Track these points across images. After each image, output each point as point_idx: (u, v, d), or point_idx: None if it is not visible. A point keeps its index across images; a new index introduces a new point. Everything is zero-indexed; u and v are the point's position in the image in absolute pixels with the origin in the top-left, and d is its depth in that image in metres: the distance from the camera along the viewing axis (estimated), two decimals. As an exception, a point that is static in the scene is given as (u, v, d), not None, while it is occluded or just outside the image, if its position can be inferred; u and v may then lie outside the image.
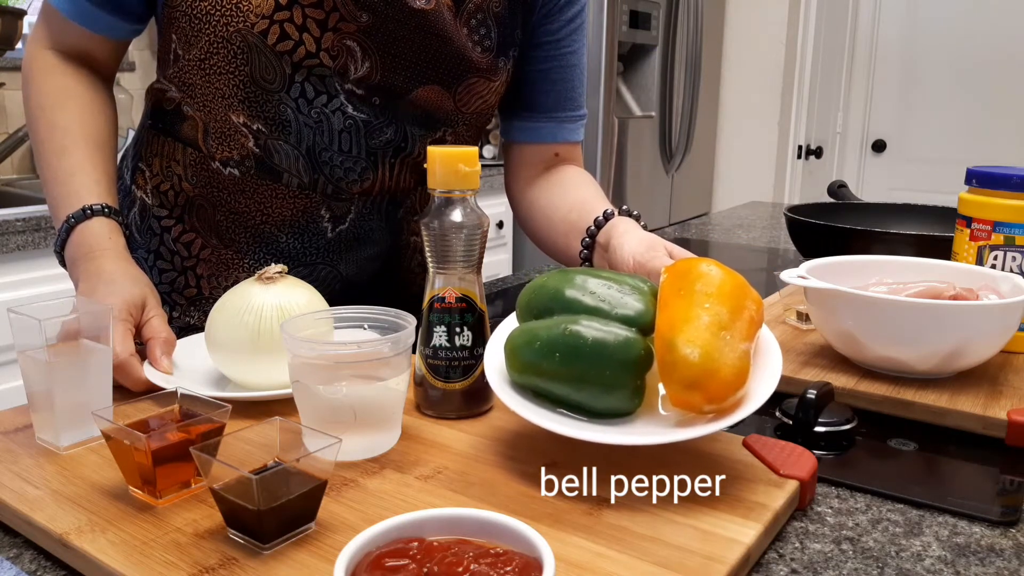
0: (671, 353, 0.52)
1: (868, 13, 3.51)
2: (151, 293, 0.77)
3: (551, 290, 0.61)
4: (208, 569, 0.47)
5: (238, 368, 0.71)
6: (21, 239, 1.70)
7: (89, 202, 0.81)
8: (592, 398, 0.56)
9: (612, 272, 0.63)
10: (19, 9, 2.27)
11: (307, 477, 0.50)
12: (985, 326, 0.72)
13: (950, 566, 0.51)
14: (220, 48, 0.81)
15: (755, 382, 0.56)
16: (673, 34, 2.95)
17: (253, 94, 0.84)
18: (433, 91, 0.89)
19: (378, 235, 0.97)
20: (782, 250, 1.56)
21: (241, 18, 0.79)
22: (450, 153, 0.64)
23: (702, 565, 0.47)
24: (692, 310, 0.54)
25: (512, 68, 0.94)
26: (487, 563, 0.40)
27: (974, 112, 3.33)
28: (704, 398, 0.52)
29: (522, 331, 0.60)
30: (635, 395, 0.56)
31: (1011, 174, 0.83)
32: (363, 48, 0.83)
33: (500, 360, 0.63)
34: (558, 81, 0.99)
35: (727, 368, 0.52)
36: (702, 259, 0.60)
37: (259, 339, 0.69)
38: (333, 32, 0.82)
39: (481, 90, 0.92)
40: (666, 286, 0.57)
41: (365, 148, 0.89)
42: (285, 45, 0.81)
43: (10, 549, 0.53)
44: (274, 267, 0.73)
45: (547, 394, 0.58)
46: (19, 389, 0.64)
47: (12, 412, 0.69)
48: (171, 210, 0.93)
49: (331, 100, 0.85)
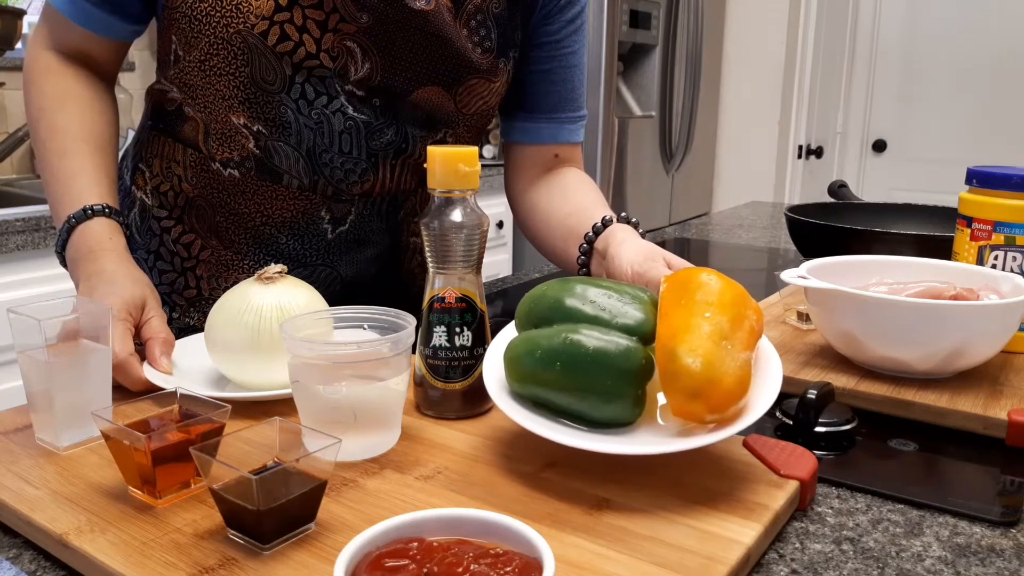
0: (673, 362, 0.52)
1: (868, 13, 3.51)
2: (151, 293, 0.77)
3: (551, 299, 0.61)
4: (208, 569, 0.47)
5: (238, 368, 0.71)
6: (21, 239, 1.70)
7: (90, 202, 0.81)
8: (593, 407, 0.56)
9: (612, 281, 0.63)
10: (19, 9, 2.27)
11: (307, 477, 0.50)
12: (985, 326, 0.72)
13: (950, 566, 0.51)
14: (220, 49, 0.81)
15: (755, 392, 0.56)
16: (673, 34, 2.95)
17: (253, 95, 0.84)
18: (433, 92, 0.89)
19: (378, 236, 0.96)
20: (782, 250, 1.56)
21: (241, 19, 0.79)
22: (450, 153, 0.64)
23: (702, 565, 0.47)
24: (693, 319, 0.54)
25: (512, 69, 0.94)
26: (487, 563, 0.40)
27: (974, 112, 3.33)
28: (706, 407, 0.52)
29: (522, 340, 0.59)
30: (636, 404, 0.56)
31: (1011, 174, 0.83)
32: (363, 49, 0.83)
33: (499, 370, 0.63)
34: (558, 82, 0.99)
35: (729, 377, 0.52)
36: (702, 269, 0.60)
37: (259, 339, 0.68)
38: (333, 33, 0.82)
39: (481, 91, 0.92)
40: (666, 296, 0.57)
41: (366, 149, 0.89)
42: (285, 46, 0.81)
43: (10, 549, 0.53)
44: (274, 267, 0.72)
45: (548, 403, 0.58)
46: (19, 389, 0.64)
47: (12, 412, 0.69)
48: (171, 211, 0.93)
49: (331, 101, 0.85)
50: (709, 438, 0.54)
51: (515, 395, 0.60)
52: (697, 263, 1.45)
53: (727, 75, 3.46)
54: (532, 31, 0.95)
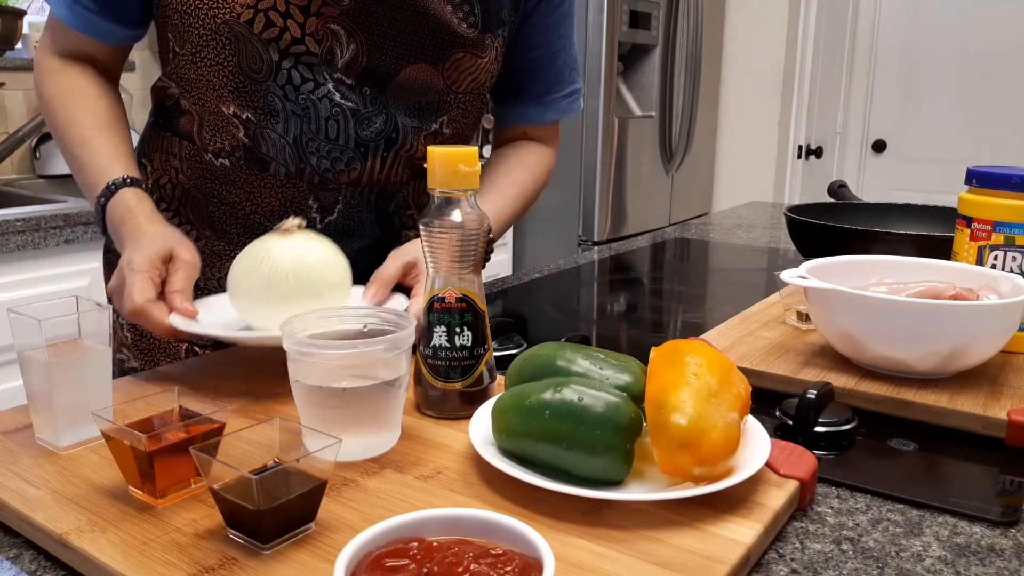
0: (661, 413, 0.53)
1: (868, 13, 3.51)
2: (182, 247, 0.79)
3: (543, 358, 0.63)
4: (208, 569, 0.47)
5: (254, 313, 0.76)
6: (21, 239, 1.70)
7: (112, 179, 0.84)
8: (581, 460, 0.54)
9: (603, 350, 0.63)
10: (19, 9, 2.27)
11: (307, 477, 0.50)
12: (985, 326, 0.72)
13: (950, 566, 0.51)
14: (210, 40, 0.84)
15: (744, 456, 0.56)
16: (673, 34, 2.95)
17: (242, 84, 0.86)
18: (421, 69, 0.90)
19: (368, 228, 0.97)
20: (782, 250, 1.56)
21: (227, 9, 0.82)
22: (450, 153, 0.64)
23: (702, 565, 0.47)
24: (682, 377, 0.54)
25: (502, 47, 0.95)
26: (487, 563, 0.40)
27: (974, 112, 3.33)
28: (694, 459, 0.52)
29: (512, 392, 0.59)
30: (625, 461, 0.54)
31: (1011, 174, 0.83)
32: (347, 31, 0.85)
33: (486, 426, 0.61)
34: (545, 67, 1.03)
35: (717, 431, 0.52)
36: (691, 339, 0.62)
37: (272, 287, 0.73)
38: (316, 17, 0.83)
39: (469, 66, 0.93)
40: (655, 360, 0.57)
41: (353, 138, 0.90)
42: (271, 32, 0.83)
43: (10, 549, 0.53)
44: (293, 219, 0.76)
45: (534, 458, 0.57)
46: (19, 389, 0.64)
47: (12, 412, 0.69)
48: (169, 203, 0.95)
49: (318, 88, 0.86)
50: (697, 490, 0.52)
51: (502, 450, 0.58)
52: (697, 263, 1.45)
53: (727, 75, 3.46)
54: (523, 18, 0.97)
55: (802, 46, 3.32)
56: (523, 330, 1.00)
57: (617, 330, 1.04)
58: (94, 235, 1.81)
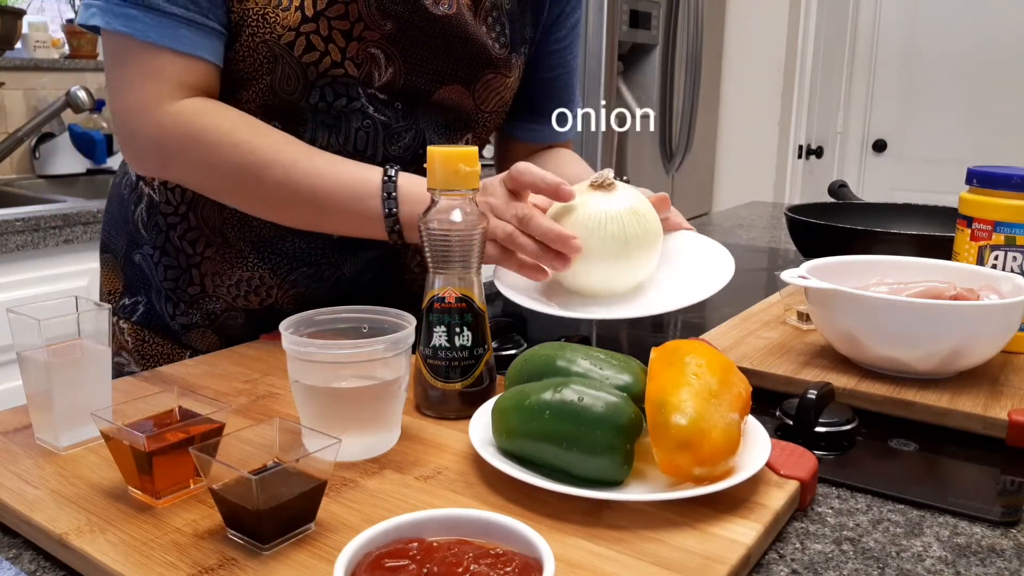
0: (661, 413, 0.52)
1: (868, 13, 3.51)
2: None
3: (543, 358, 0.63)
4: (208, 569, 0.47)
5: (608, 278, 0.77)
6: (21, 239, 1.70)
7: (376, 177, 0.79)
8: (581, 460, 0.54)
9: (604, 350, 0.63)
10: (19, 9, 2.27)
11: (307, 477, 0.50)
12: (986, 326, 0.72)
13: (951, 566, 0.51)
14: (247, 56, 0.81)
15: (744, 456, 0.56)
16: (673, 34, 2.95)
17: (271, 101, 0.84)
18: (455, 91, 0.90)
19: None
20: (782, 250, 1.55)
21: (268, 30, 0.79)
22: (450, 153, 0.64)
23: (702, 565, 0.47)
24: (682, 378, 0.54)
25: (524, 65, 0.97)
26: (487, 563, 0.40)
27: (974, 112, 3.33)
28: (694, 459, 0.52)
29: (512, 392, 0.59)
30: (625, 461, 0.54)
31: (1011, 174, 0.83)
32: (387, 55, 0.84)
33: (486, 428, 0.61)
34: (562, 86, 1.05)
35: (717, 431, 0.52)
36: (691, 340, 0.61)
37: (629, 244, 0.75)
38: (358, 41, 0.82)
39: (497, 86, 0.94)
40: (656, 360, 0.57)
41: (382, 152, 0.89)
42: (311, 56, 0.81)
43: (10, 549, 0.53)
44: (606, 172, 0.78)
45: (534, 459, 0.57)
46: (19, 389, 0.64)
47: (12, 412, 0.69)
48: (176, 207, 0.92)
49: (351, 102, 0.85)
50: (697, 491, 0.52)
51: (502, 451, 0.59)
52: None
53: (727, 75, 3.46)
54: (542, 36, 0.97)
55: (802, 46, 3.32)
56: (523, 330, 1.00)
57: (617, 330, 1.04)
58: (93, 235, 1.81)
